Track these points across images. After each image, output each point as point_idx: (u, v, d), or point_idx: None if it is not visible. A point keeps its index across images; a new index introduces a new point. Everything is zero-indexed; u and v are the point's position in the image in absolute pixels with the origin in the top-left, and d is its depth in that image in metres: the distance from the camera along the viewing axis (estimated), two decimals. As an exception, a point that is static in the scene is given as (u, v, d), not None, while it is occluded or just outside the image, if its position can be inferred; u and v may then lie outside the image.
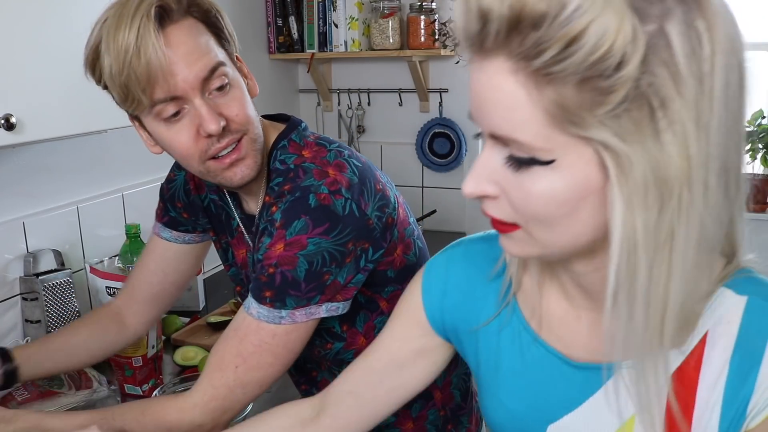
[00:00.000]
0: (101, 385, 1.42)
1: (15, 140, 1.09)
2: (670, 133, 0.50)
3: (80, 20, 1.22)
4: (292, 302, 0.94)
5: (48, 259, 1.58)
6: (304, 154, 1.03)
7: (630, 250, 0.53)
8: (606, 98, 0.49)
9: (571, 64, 0.48)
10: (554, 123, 0.51)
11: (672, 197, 0.51)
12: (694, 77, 0.49)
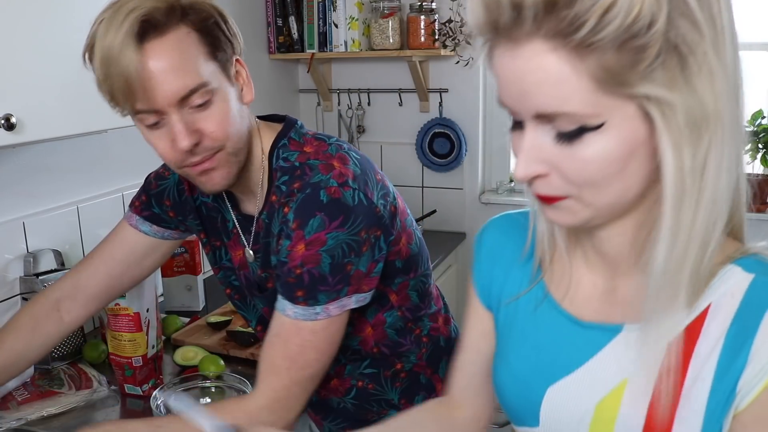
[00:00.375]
0: (101, 385, 1.42)
1: (15, 140, 1.09)
2: (700, 74, 0.55)
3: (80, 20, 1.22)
4: (324, 297, 0.98)
5: (48, 259, 1.58)
6: (306, 150, 1.04)
7: (681, 189, 0.58)
8: (643, 55, 0.53)
9: (609, 32, 0.52)
10: (601, 87, 0.55)
11: (707, 131, 0.57)
12: (707, 21, 0.55)
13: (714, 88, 0.56)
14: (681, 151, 0.57)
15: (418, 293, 1.15)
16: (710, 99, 0.56)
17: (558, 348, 0.73)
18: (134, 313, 1.32)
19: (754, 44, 2.40)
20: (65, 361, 1.54)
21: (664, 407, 0.64)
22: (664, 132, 0.56)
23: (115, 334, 1.34)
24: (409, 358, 1.18)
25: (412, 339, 1.18)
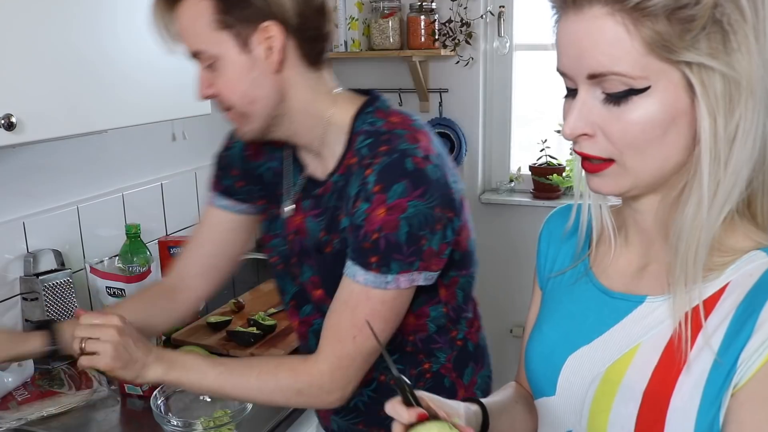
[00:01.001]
0: (101, 385, 1.42)
1: (15, 140, 1.09)
2: (739, 51, 0.60)
3: (80, 20, 1.22)
4: (396, 267, 0.98)
5: (48, 259, 1.58)
6: (392, 120, 1.05)
7: (714, 155, 0.63)
8: (690, 26, 0.59)
9: (660, 2, 0.59)
10: (651, 51, 0.61)
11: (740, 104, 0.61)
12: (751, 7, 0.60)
13: (751, 66, 0.61)
14: (716, 119, 0.62)
15: (464, 293, 1.15)
16: (746, 75, 0.61)
17: (585, 316, 0.77)
18: (134, 313, 1.32)
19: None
20: (65, 361, 1.54)
21: (668, 374, 0.67)
22: (703, 99, 0.61)
23: (115, 334, 1.34)
24: (438, 359, 1.16)
25: (446, 339, 1.16)
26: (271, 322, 1.64)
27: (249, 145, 1.20)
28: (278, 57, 0.99)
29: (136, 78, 1.36)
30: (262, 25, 0.97)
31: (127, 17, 1.32)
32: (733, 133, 0.62)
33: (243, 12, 0.96)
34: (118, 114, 1.33)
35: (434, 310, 1.12)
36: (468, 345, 1.20)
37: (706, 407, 0.64)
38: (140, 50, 1.36)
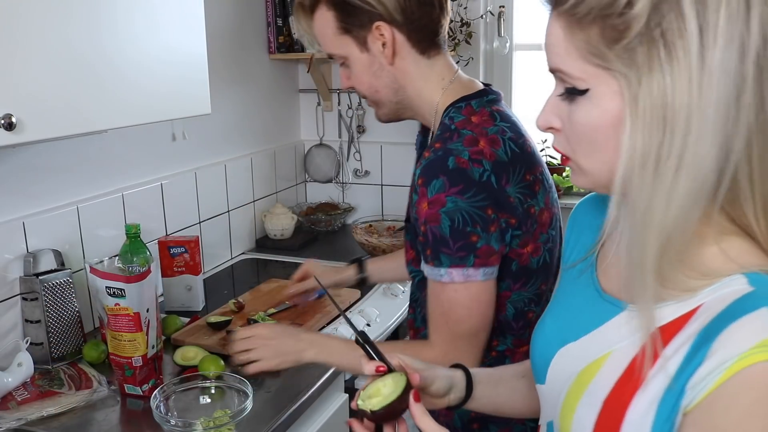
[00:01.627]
0: (101, 385, 1.42)
1: (15, 140, 1.09)
2: (678, 68, 0.58)
3: (80, 20, 1.22)
4: (446, 260, 1.07)
5: (48, 259, 1.58)
6: (472, 120, 1.13)
7: (632, 170, 0.61)
8: (621, 35, 0.59)
9: (588, 4, 0.60)
10: (584, 56, 0.62)
11: (674, 127, 0.59)
12: (697, 20, 0.57)
13: (691, 85, 0.58)
14: (636, 133, 0.60)
15: (515, 310, 1.16)
16: (683, 94, 0.58)
17: (580, 313, 0.77)
18: (134, 313, 1.32)
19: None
20: (65, 361, 1.54)
21: (627, 387, 0.66)
22: (630, 114, 0.61)
23: (115, 334, 1.34)
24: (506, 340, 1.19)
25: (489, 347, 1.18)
26: (271, 322, 1.64)
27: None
28: (391, 51, 1.16)
29: (136, 78, 1.36)
30: (374, 26, 1.14)
31: (127, 17, 1.32)
32: (660, 154, 0.60)
33: (356, 18, 1.15)
34: (118, 114, 1.33)
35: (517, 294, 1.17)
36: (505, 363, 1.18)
37: (660, 425, 0.63)
38: (140, 50, 1.36)
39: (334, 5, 1.16)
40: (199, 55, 1.55)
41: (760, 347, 0.57)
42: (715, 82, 0.58)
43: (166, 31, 1.44)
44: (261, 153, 2.52)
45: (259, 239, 2.51)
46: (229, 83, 2.30)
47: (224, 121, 2.29)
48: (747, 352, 0.57)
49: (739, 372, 0.57)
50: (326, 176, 2.81)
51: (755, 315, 0.59)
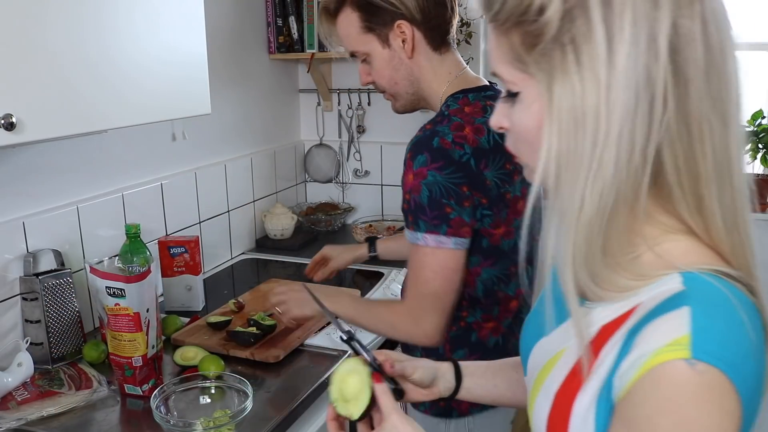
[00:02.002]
0: (101, 385, 1.42)
1: (15, 140, 1.09)
2: (583, 73, 0.60)
3: (81, 20, 1.22)
4: (423, 226, 1.21)
5: (48, 259, 1.58)
6: (465, 110, 1.26)
7: (549, 170, 0.64)
8: (536, 40, 0.62)
9: (506, 12, 0.64)
10: (510, 61, 0.66)
11: (586, 129, 0.61)
12: (605, 26, 0.59)
13: (599, 88, 0.60)
14: (552, 134, 0.63)
15: (485, 288, 1.29)
16: (592, 99, 0.60)
17: (554, 308, 0.78)
18: (134, 313, 1.32)
19: (754, 44, 2.40)
20: (65, 361, 1.54)
21: (574, 382, 0.68)
22: (546, 114, 0.63)
23: (115, 334, 1.34)
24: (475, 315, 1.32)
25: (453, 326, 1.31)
26: (271, 322, 1.64)
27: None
28: (410, 47, 1.30)
29: (136, 78, 1.36)
30: (396, 24, 1.29)
31: (128, 17, 1.32)
32: (576, 156, 0.61)
33: (380, 17, 1.29)
34: (118, 114, 1.33)
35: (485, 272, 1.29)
36: (472, 335, 1.32)
37: (602, 419, 0.64)
38: (140, 50, 1.36)
39: (359, 6, 1.30)
40: (199, 55, 1.55)
41: (673, 345, 0.57)
42: (623, 86, 0.59)
43: (167, 31, 1.44)
44: (261, 153, 2.52)
45: (259, 239, 2.51)
46: (229, 83, 2.30)
47: (224, 121, 2.29)
48: (661, 348, 0.58)
49: (653, 368, 0.58)
50: (326, 176, 2.81)
51: (676, 313, 0.59)
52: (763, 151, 2.33)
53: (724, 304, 0.60)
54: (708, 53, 0.60)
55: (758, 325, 0.62)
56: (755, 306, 0.63)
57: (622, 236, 0.64)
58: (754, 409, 0.61)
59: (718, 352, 0.57)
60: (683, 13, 0.59)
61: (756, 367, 0.59)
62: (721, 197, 0.64)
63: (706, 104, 0.61)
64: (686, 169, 0.63)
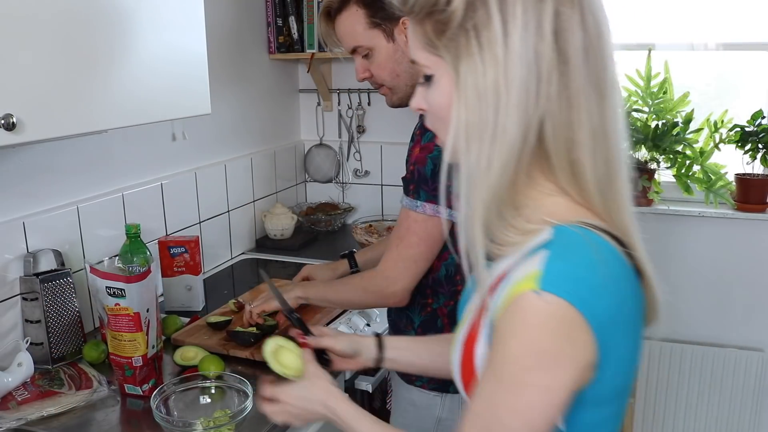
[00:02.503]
0: (101, 385, 1.42)
1: (15, 140, 1.09)
2: (489, 54, 0.70)
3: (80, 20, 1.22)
4: (424, 195, 1.31)
5: (48, 259, 1.58)
6: None
7: (458, 138, 0.74)
8: (444, 27, 0.72)
9: (419, 5, 0.74)
10: (425, 47, 0.76)
11: (488, 103, 0.71)
12: (501, 15, 0.70)
13: (497, 67, 0.70)
14: (459, 107, 0.73)
15: (446, 272, 1.39)
16: (492, 76, 0.70)
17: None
18: (134, 313, 1.32)
19: (754, 44, 2.40)
20: (65, 361, 1.54)
21: (475, 329, 0.80)
22: (455, 91, 0.73)
23: (115, 334, 1.34)
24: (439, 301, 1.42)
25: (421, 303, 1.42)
26: (271, 322, 1.64)
27: None
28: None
29: (136, 78, 1.36)
30: (401, 20, 1.35)
31: (128, 17, 1.32)
32: (479, 127, 0.72)
33: (385, 13, 1.36)
34: (119, 114, 1.33)
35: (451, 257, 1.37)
36: (438, 321, 1.42)
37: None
38: (140, 50, 1.36)
39: (365, 4, 1.38)
40: (199, 55, 1.55)
41: (527, 278, 0.69)
42: (517, 64, 0.70)
43: (167, 31, 1.44)
44: (261, 153, 2.52)
45: (259, 239, 2.51)
46: (229, 83, 2.30)
47: (224, 121, 2.29)
48: (518, 281, 0.70)
49: (514, 297, 0.69)
50: (326, 176, 2.81)
51: (537, 255, 0.71)
52: (763, 151, 2.33)
53: (580, 248, 0.70)
54: (586, 37, 0.71)
55: (618, 269, 0.72)
56: (617, 252, 0.73)
57: (513, 198, 0.76)
58: (620, 342, 0.71)
59: (565, 286, 0.67)
60: (564, 3, 0.70)
61: (611, 305, 0.69)
62: (595, 161, 0.74)
63: (584, 80, 0.71)
64: (563, 137, 0.73)
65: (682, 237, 2.50)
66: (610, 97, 0.74)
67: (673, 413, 2.62)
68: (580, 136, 0.73)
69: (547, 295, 0.67)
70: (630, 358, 0.74)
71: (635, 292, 0.74)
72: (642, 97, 2.42)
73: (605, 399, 0.74)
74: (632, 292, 0.73)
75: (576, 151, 0.73)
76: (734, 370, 2.49)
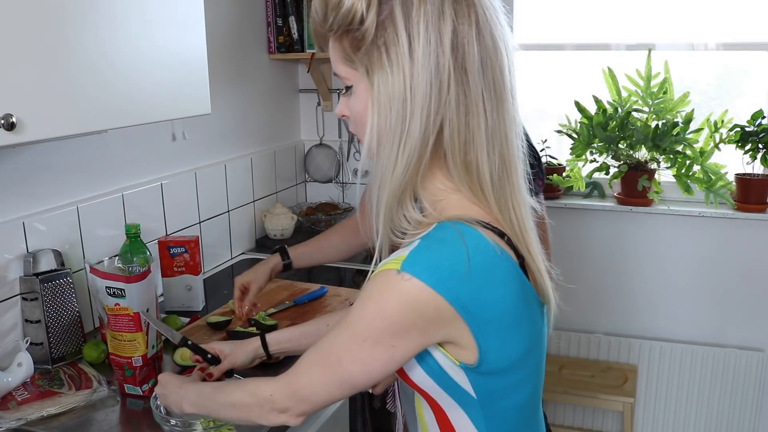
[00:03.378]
0: (101, 385, 1.42)
1: (15, 140, 1.09)
2: (393, 67, 0.80)
3: (81, 20, 1.22)
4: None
5: (48, 259, 1.58)
6: None
7: (372, 141, 0.84)
8: (359, 43, 0.81)
9: (337, 23, 0.82)
10: (343, 61, 0.85)
11: (396, 111, 0.81)
12: (406, 32, 0.79)
13: (404, 78, 0.79)
14: (374, 115, 0.82)
15: None
16: (399, 86, 0.80)
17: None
18: (134, 313, 1.32)
19: (754, 44, 2.40)
20: (65, 361, 1.54)
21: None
22: (369, 99, 0.83)
23: (115, 334, 1.34)
24: None
25: None
26: (271, 322, 1.64)
27: None
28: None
29: (136, 78, 1.36)
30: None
31: (128, 17, 1.32)
32: (388, 131, 0.81)
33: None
34: (118, 114, 1.33)
35: None
36: None
37: None
38: (140, 50, 1.36)
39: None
40: (199, 55, 1.55)
41: (394, 260, 0.80)
42: (420, 75, 0.79)
43: (166, 30, 1.44)
44: (261, 153, 2.52)
45: (259, 239, 2.51)
46: (228, 83, 2.30)
47: (224, 121, 2.29)
48: (389, 261, 0.80)
49: (379, 271, 0.81)
50: (326, 176, 2.81)
51: (411, 244, 0.81)
52: (763, 151, 2.33)
53: (450, 240, 0.79)
54: (483, 51, 0.81)
55: (492, 260, 0.81)
56: (494, 245, 0.81)
57: (414, 193, 0.85)
58: (497, 321, 0.81)
59: (426, 270, 0.77)
60: (461, 21, 0.80)
61: (479, 290, 0.79)
62: (490, 161, 0.83)
63: (481, 88, 0.81)
64: (460, 139, 0.81)
65: (682, 237, 2.51)
66: (506, 102, 0.83)
67: (673, 413, 2.62)
68: (477, 138, 0.82)
69: (406, 274, 0.77)
70: (517, 333, 0.84)
71: (516, 279, 0.83)
72: (642, 97, 2.42)
73: (504, 368, 0.84)
74: (511, 279, 0.82)
75: (472, 152, 0.82)
76: (734, 370, 2.49)
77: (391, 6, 0.80)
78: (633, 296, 2.62)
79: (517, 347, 0.84)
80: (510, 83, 0.84)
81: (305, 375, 0.89)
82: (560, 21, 2.57)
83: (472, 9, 0.81)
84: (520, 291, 0.83)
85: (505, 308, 0.81)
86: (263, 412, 0.95)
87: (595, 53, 2.55)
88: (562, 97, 2.57)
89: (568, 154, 2.55)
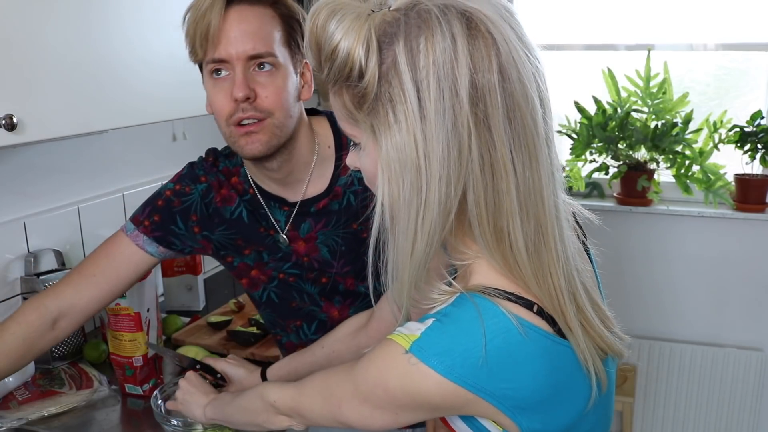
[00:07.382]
0: (102, 385, 1.42)
1: (16, 140, 1.09)
2: (401, 127, 0.67)
3: (81, 20, 1.22)
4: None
5: (49, 259, 1.58)
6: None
7: (384, 212, 0.71)
8: (362, 99, 0.69)
9: (333, 76, 0.70)
10: (347, 118, 0.73)
11: (411, 177, 0.68)
12: (414, 88, 0.66)
13: (416, 140, 0.67)
14: (384, 181, 0.70)
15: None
16: (411, 150, 0.67)
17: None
18: (134, 313, 1.33)
19: (753, 44, 2.41)
20: (66, 361, 1.54)
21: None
22: (378, 161, 0.70)
23: (115, 333, 1.35)
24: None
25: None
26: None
27: (217, 191, 1.20)
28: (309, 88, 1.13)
29: (136, 78, 1.36)
30: (303, 58, 1.10)
31: (128, 17, 1.32)
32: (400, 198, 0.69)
33: (296, 39, 1.09)
34: (118, 114, 1.33)
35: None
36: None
37: None
38: (141, 50, 1.36)
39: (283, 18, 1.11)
40: (200, 56, 1.55)
41: (406, 335, 0.71)
42: (435, 134, 0.66)
43: (166, 30, 1.44)
44: (261, 153, 2.52)
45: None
46: (229, 83, 2.30)
47: (224, 121, 2.29)
48: (403, 332, 0.72)
49: (391, 339, 0.72)
50: (326, 176, 2.80)
51: (425, 322, 0.72)
52: (762, 151, 2.33)
53: (466, 322, 0.69)
54: (509, 99, 0.67)
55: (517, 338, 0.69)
56: (518, 323, 0.69)
57: (439, 260, 0.75)
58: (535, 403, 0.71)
59: (435, 357, 0.69)
60: (480, 66, 0.66)
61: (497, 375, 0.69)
62: (524, 229, 0.70)
63: (509, 144, 0.67)
64: (487, 205, 0.69)
65: (681, 237, 2.51)
66: (540, 155, 0.70)
67: (672, 413, 2.62)
68: (507, 203, 0.69)
69: (413, 358, 0.70)
70: (559, 403, 0.73)
71: (546, 353, 0.71)
72: (641, 97, 2.42)
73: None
74: (540, 355, 0.71)
75: (501, 219, 0.70)
76: (734, 370, 2.49)
77: (394, 53, 0.67)
78: (632, 296, 2.63)
79: (563, 416, 0.75)
80: (544, 131, 0.70)
81: (308, 398, 0.86)
82: (559, 21, 2.57)
83: (493, 48, 0.66)
84: (554, 363, 0.72)
85: (538, 384, 0.71)
86: (269, 417, 0.94)
87: (594, 53, 2.56)
88: (561, 97, 2.57)
89: (568, 155, 2.55)
